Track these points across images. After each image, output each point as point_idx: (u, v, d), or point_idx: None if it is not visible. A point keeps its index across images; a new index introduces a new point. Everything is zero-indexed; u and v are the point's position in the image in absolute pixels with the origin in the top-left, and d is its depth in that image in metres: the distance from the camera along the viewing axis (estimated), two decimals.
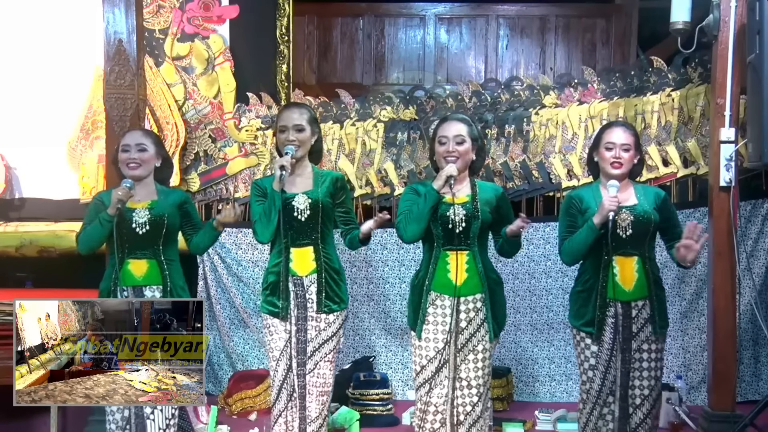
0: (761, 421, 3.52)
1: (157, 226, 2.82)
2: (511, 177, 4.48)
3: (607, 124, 2.93)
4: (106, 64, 3.77)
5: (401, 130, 4.59)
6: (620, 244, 2.74)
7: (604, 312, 2.76)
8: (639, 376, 2.77)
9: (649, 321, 2.77)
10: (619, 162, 2.75)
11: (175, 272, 2.88)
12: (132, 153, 2.85)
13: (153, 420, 2.75)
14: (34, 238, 4.25)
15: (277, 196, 2.74)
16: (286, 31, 4.95)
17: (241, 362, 4.48)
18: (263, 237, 2.83)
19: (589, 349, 2.80)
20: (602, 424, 2.80)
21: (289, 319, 2.84)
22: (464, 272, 2.75)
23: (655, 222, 2.76)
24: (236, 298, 4.44)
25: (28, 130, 4.52)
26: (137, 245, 2.81)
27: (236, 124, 4.67)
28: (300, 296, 2.84)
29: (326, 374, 2.87)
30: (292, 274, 2.84)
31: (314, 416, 2.84)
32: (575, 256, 2.81)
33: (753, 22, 3.39)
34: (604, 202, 2.66)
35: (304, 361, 2.83)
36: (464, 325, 2.75)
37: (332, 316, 2.87)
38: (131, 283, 2.81)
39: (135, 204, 2.84)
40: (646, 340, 2.77)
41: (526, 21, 6.44)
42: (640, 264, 2.76)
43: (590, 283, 2.80)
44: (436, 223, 2.74)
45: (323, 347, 2.86)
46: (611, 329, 2.76)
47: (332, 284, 2.88)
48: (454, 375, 2.75)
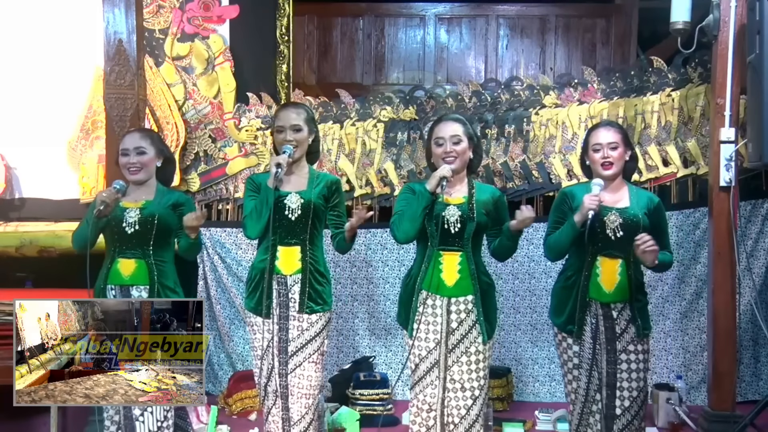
0: (761, 421, 3.52)
1: (147, 226, 2.80)
2: (511, 177, 4.48)
3: (592, 126, 2.92)
4: (106, 64, 3.77)
5: (401, 130, 4.59)
6: (607, 245, 2.73)
7: (584, 311, 2.76)
8: (627, 378, 2.76)
9: (631, 322, 2.76)
10: (609, 162, 2.74)
11: (166, 273, 2.85)
12: (131, 157, 2.83)
13: (143, 422, 2.72)
14: (34, 238, 4.24)
15: (270, 193, 2.73)
16: (286, 31, 4.95)
17: (241, 362, 4.48)
18: (252, 233, 2.81)
19: (571, 348, 2.80)
20: (593, 422, 2.79)
21: (272, 318, 2.82)
22: (456, 273, 2.74)
23: (644, 226, 2.73)
24: (236, 298, 4.43)
25: (28, 130, 4.52)
26: (127, 244, 2.80)
27: (236, 124, 4.67)
28: (282, 295, 2.82)
29: (311, 376, 2.82)
30: (276, 272, 2.81)
31: (296, 419, 2.80)
32: (556, 252, 2.82)
33: (753, 22, 3.39)
34: (584, 201, 2.65)
35: (285, 360, 2.80)
36: (455, 326, 2.74)
37: (315, 316, 2.83)
38: (118, 282, 2.80)
39: (128, 203, 2.83)
40: (631, 341, 2.76)
41: (526, 21, 6.44)
42: (624, 267, 2.75)
43: (572, 281, 2.79)
44: (431, 223, 2.73)
45: (306, 347, 2.82)
46: (591, 329, 2.75)
47: (316, 285, 2.84)
48: (444, 375, 2.74)
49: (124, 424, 2.73)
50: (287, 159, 2.77)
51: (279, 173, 2.72)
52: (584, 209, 2.64)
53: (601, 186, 2.70)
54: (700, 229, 4.19)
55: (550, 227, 2.85)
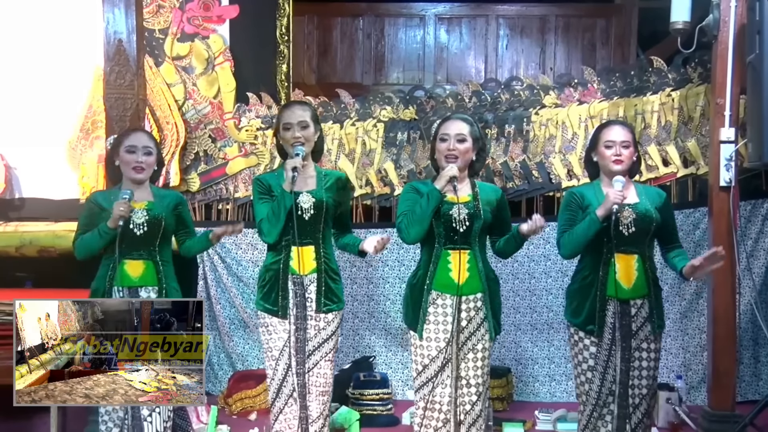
0: (761, 421, 3.52)
1: (155, 227, 2.80)
2: (511, 177, 4.48)
3: (604, 123, 2.93)
4: (106, 64, 3.77)
5: (401, 130, 4.59)
6: (622, 241, 2.73)
7: (604, 309, 2.75)
8: (638, 376, 2.76)
9: (648, 320, 2.76)
10: (619, 159, 2.75)
11: (169, 274, 2.87)
12: (139, 156, 2.82)
13: (151, 423, 2.72)
14: (34, 238, 4.23)
15: (288, 197, 2.72)
16: (286, 30, 4.94)
17: (241, 362, 4.48)
18: (270, 237, 2.80)
19: (588, 350, 2.79)
20: (601, 424, 2.78)
21: (288, 318, 2.82)
22: (466, 271, 2.74)
23: (656, 221, 2.75)
24: (236, 298, 4.43)
25: (28, 130, 4.51)
26: (134, 246, 2.79)
27: (236, 124, 4.67)
28: (299, 295, 2.82)
29: (327, 374, 2.85)
30: (291, 272, 2.82)
31: (315, 416, 2.82)
32: (574, 249, 2.80)
33: (753, 22, 3.39)
34: (610, 195, 2.65)
35: (303, 360, 2.81)
36: (464, 324, 2.75)
37: (331, 315, 2.86)
38: (127, 284, 2.79)
39: (133, 204, 2.81)
40: (645, 339, 2.76)
41: (526, 21, 6.43)
42: (640, 262, 2.75)
43: (589, 280, 2.79)
44: (439, 222, 2.73)
45: (323, 346, 2.84)
46: (610, 328, 2.75)
47: (331, 284, 2.86)
48: (456, 374, 2.74)
49: (132, 424, 2.72)
50: (301, 162, 2.76)
51: (295, 177, 2.71)
52: (608, 203, 2.64)
53: (623, 182, 2.70)
54: (700, 229, 4.19)
55: (562, 226, 2.83)
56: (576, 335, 2.83)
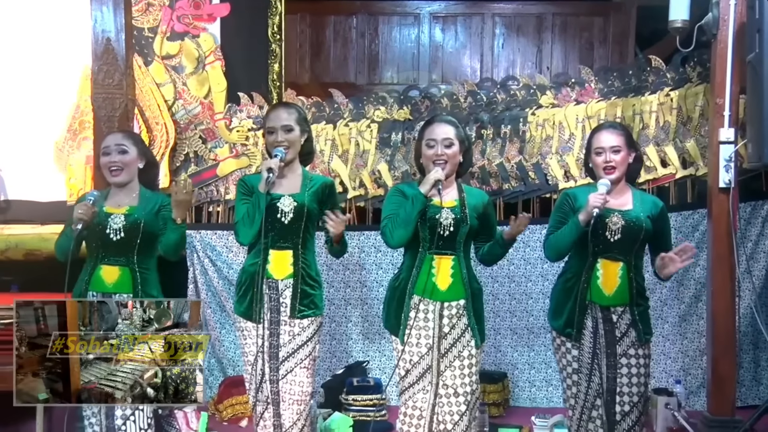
0: (761, 426, 3.50)
1: (132, 232, 2.73)
2: (507, 178, 4.43)
3: (595, 128, 2.88)
4: (94, 63, 3.73)
5: (395, 130, 4.54)
6: (607, 247, 2.70)
7: (584, 314, 2.72)
8: (627, 383, 2.72)
9: (632, 326, 2.72)
10: (611, 166, 2.70)
11: (149, 281, 2.79)
12: (113, 156, 2.76)
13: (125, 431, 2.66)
14: (20, 241, 4.19)
15: (262, 198, 2.68)
16: (278, 29, 4.90)
17: (231, 367, 4.41)
18: (245, 239, 2.76)
19: (570, 353, 2.77)
20: (593, 428, 2.76)
21: (262, 323, 2.76)
22: (449, 277, 2.70)
23: (646, 230, 2.71)
24: (227, 302, 4.37)
25: (14, 131, 4.45)
26: (111, 251, 2.74)
27: (227, 125, 4.61)
28: (274, 300, 2.76)
29: (303, 381, 2.77)
30: (267, 276, 2.76)
31: (288, 425, 2.75)
32: (558, 252, 2.78)
33: (752, 21, 3.36)
34: (590, 199, 2.61)
35: (276, 366, 2.75)
36: (447, 330, 2.71)
37: (306, 321, 2.78)
38: (101, 289, 2.73)
39: (112, 209, 2.76)
40: (631, 345, 2.72)
41: (522, 19, 6.39)
42: (624, 271, 2.71)
43: (571, 283, 2.76)
44: (424, 226, 2.70)
45: (297, 353, 2.77)
46: (591, 332, 2.71)
47: (308, 290, 2.79)
48: (437, 381, 2.70)
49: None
50: (279, 163, 2.71)
51: (270, 178, 2.66)
52: (589, 207, 2.60)
53: (607, 186, 2.66)
54: (699, 231, 4.15)
55: (551, 227, 2.81)
56: (558, 339, 2.81)
